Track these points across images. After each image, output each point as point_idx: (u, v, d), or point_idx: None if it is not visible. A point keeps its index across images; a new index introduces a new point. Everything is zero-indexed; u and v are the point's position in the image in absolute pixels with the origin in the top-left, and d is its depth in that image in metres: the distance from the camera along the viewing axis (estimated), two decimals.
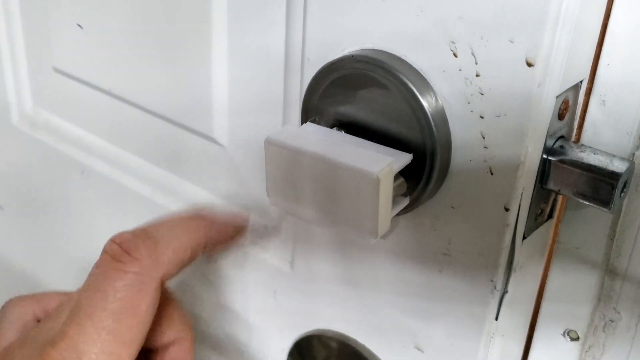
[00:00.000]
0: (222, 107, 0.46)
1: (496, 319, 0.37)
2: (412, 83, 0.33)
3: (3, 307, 0.42)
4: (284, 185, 0.36)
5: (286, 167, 0.35)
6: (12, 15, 0.60)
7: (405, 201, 0.36)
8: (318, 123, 0.37)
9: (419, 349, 0.41)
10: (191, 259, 0.39)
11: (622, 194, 0.33)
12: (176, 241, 0.38)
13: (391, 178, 0.33)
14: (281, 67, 0.41)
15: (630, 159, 0.34)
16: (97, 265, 0.37)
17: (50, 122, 0.62)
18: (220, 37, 0.44)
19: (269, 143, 0.35)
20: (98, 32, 0.52)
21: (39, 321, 0.41)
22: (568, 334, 0.40)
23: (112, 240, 0.37)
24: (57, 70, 0.58)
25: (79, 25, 0.53)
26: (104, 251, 0.37)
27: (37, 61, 0.60)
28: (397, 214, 0.36)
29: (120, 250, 0.36)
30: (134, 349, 0.35)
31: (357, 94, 0.35)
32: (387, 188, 0.33)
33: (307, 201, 0.35)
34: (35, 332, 0.37)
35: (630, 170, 0.33)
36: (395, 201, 0.35)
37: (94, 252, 0.64)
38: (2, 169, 0.69)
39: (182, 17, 0.45)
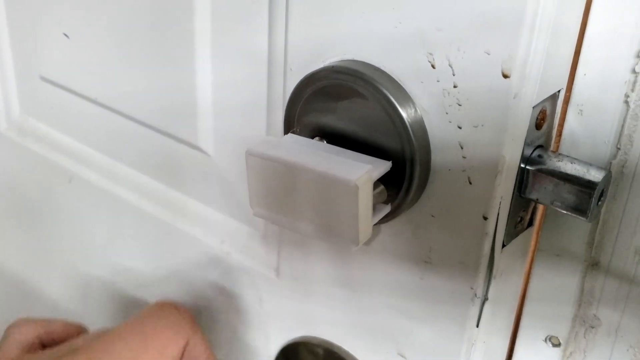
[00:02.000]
0: (207, 115, 0.46)
1: (477, 325, 0.37)
2: (391, 94, 0.34)
3: (10, 325, 0.42)
4: (267, 195, 0.36)
5: (268, 178, 0.35)
6: None
7: (387, 209, 0.36)
8: (299, 134, 0.38)
9: (401, 355, 0.41)
10: None
11: (600, 203, 0.34)
12: None
13: (370, 185, 0.33)
14: (264, 77, 0.41)
15: (608, 167, 0.35)
16: None
17: (38, 130, 0.62)
18: (204, 46, 0.44)
19: (249, 154, 0.35)
20: (84, 41, 0.52)
21: (43, 346, 0.41)
22: (550, 340, 0.41)
23: None
24: (44, 79, 0.58)
25: (65, 35, 0.53)
26: None
27: (25, 69, 0.60)
28: (379, 222, 0.37)
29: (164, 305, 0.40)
30: None
31: (337, 104, 0.36)
32: (366, 195, 0.33)
33: (289, 211, 0.36)
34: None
35: (607, 179, 0.34)
36: (376, 209, 0.35)
37: (82, 258, 0.64)
38: None
39: (166, 26, 0.46)
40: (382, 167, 0.34)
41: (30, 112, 0.62)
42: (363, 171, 0.33)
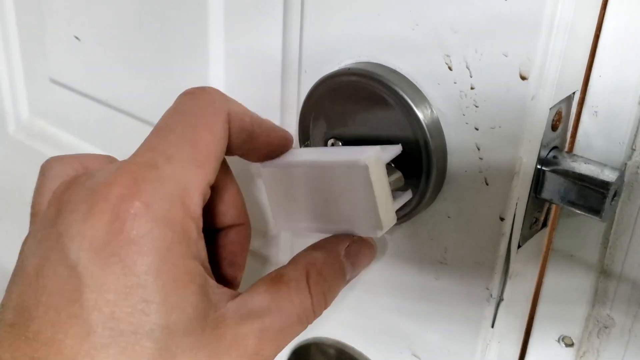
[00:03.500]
0: None
1: (492, 326, 0.37)
2: (407, 95, 0.34)
3: (43, 165, 0.39)
4: (287, 206, 0.36)
5: (284, 187, 0.36)
6: (8, 26, 0.60)
7: (408, 194, 0.35)
8: (315, 138, 0.38)
9: (416, 356, 0.41)
10: (242, 134, 0.34)
11: (613, 202, 0.34)
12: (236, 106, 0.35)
13: (381, 166, 0.33)
14: (278, 79, 0.41)
15: (622, 168, 0.35)
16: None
17: (47, 132, 0.62)
18: (217, 48, 0.44)
19: (264, 167, 0.36)
20: (95, 44, 0.52)
21: None
22: (563, 340, 0.41)
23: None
24: (53, 81, 0.58)
25: (76, 37, 0.53)
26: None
27: (34, 72, 0.60)
28: (397, 222, 0.37)
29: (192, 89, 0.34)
30: (212, 166, 0.32)
31: (353, 106, 0.36)
32: (380, 177, 0.32)
33: (310, 213, 0.36)
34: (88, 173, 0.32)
35: (621, 179, 0.34)
36: (396, 195, 0.35)
37: None
38: None
39: (178, 28, 0.46)
40: (393, 150, 0.34)
41: (39, 114, 0.62)
42: (372, 152, 0.32)
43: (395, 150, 0.34)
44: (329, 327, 0.46)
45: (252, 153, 0.36)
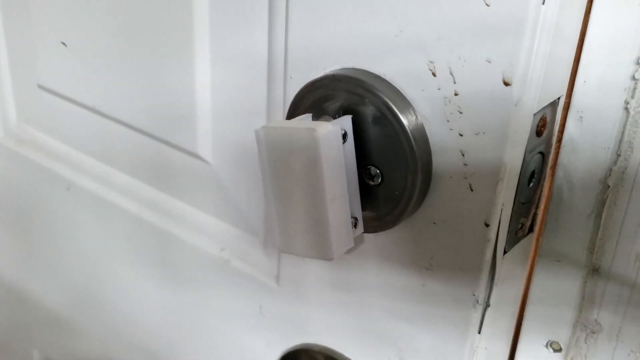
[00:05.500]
0: (206, 123, 0.46)
1: (479, 332, 0.37)
2: (392, 101, 0.34)
3: None
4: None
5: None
6: None
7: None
8: None
9: None
10: None
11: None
12: None
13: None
14: (264, 85, 0.41)
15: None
16: None
17: (36, 139, 0.62)
18: (203, 53, 0.44)
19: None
20: (82, 50, 0.52)
21: None
22: (551, 345, 0.41)
23: None
24: (41, 87, 0.58)
25: (63, 44, 0.53)
26: None
27: (22, 78, 0.60)
28: (379, 230, 0.37)
29: None
30: None
31: (338, 112, 0.36)
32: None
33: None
34: None
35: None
36: None
37: (80, 266, 0.64)
38: None
39: (164, 34, 0.46)
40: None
41: (28, 120, 0.62)
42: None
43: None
44: (317, 333, 0.46)
45: None
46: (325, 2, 0.35)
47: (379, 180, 0.36)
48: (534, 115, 0.33)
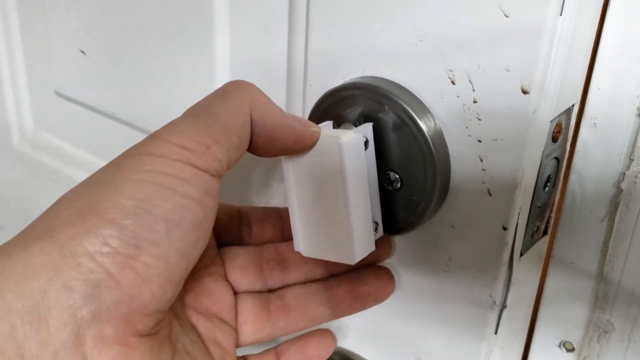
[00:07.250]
0: None
1: (496, 332, 0.38)
2: (411, 108, 0.35)
3: None
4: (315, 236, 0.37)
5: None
6: (13, 40, 0.61)
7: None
8: None
9: None
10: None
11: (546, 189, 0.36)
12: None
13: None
14: (283, 93, 0.42)
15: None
16: None
17: (52, 144, 0.63)
18: (223, 61, 0.45)
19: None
20: (100, 57, 0.53)
21: None
22: (564, 345, 0.42)
23: None
24: (58, 94, 0.59)
25: (81, 51, 0.54)
26: None
27: (38, 85, 0.61)
28: (398, 234, 0.38)
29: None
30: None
31: (358, 120, 0.37)
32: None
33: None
34: None
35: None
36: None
37: None
38: (3, 189, 0.70)
39: (184, 41, 0.47)
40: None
41: (44, 126, 0.63)
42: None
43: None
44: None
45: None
46: (345, 12, 0.36)
47: (399, 185, 0.37)
48: (551, 122, 0.34)
